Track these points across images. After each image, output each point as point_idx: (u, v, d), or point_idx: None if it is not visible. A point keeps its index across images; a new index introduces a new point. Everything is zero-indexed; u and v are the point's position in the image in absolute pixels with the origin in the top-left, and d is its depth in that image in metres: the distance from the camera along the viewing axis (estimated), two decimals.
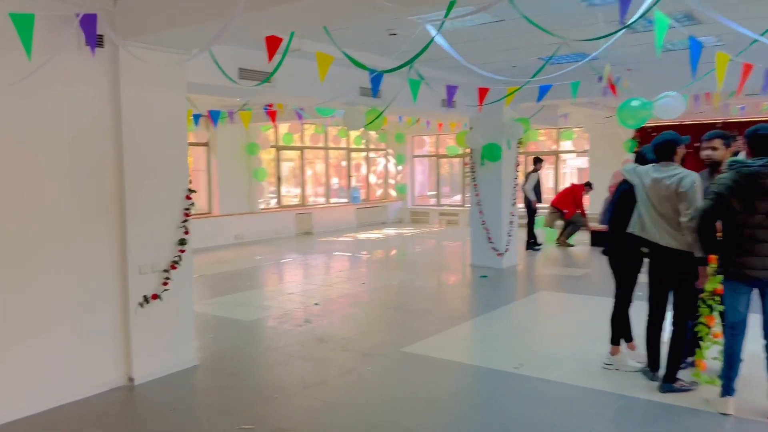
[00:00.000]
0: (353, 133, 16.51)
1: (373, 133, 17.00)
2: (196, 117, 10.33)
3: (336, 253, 11.88)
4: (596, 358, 5.02)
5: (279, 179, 14.54)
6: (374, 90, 6.23)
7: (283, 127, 14.57)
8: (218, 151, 12.89)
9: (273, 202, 14.70)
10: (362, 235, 14.62)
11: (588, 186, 12.15)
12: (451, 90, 6.82)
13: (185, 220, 4.92)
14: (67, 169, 4.23)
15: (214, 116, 9.26)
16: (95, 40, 4.09)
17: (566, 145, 15.68)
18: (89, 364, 4.39)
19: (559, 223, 12.20)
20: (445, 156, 17.38)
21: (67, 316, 4.26)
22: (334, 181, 16.79)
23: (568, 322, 6.52)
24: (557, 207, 12.10)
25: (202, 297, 7.89)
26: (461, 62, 5.34)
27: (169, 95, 4.77)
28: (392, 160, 17.92)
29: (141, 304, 4.61)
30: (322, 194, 16.26)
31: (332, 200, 16.35)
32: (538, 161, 11.80)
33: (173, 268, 4.80)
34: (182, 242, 4.88)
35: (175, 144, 4.84)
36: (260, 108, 10.43)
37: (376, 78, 6.09)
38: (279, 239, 13.79)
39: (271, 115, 10.45)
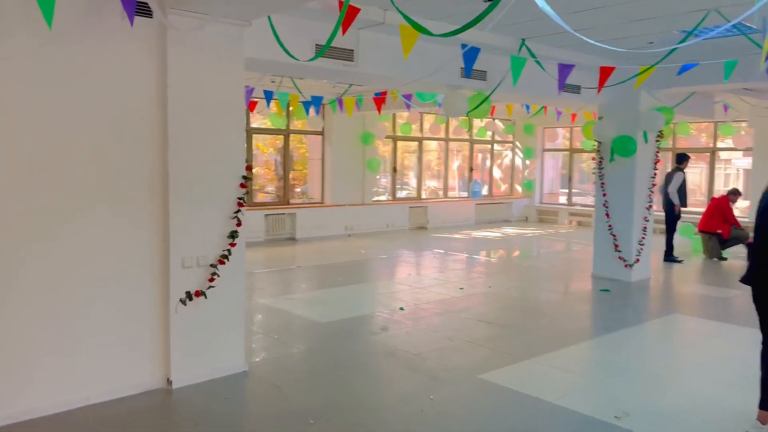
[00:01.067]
0: (477, 124, 15.55)
1: (499, 124, 15.91)
2: (307, 104, 10.07)
3: (446, 251, 11.10)
4: (731, 416, 3.83)
5: (395, 170, 14.02)
6: (467, 69, 5.38)
7: (401, 117, 14.01)
8: (333, 140, 12.62)
9: (388, 194, 14.23)
10: (479, 234, 13.68)
11: (735, 194, 10.23)
12: (564, 70, 5.74)
13: (238, 211, 4.45)
14: (105, 151, 3.90)
15: (315, 102, 8.88)
16: (134, 9, 3.70)
17: (728, 142, 13.49)
18: (124, 363, 4.07)
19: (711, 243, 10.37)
20: (580, 150, 15.82)
21: (101, 311, 3.96)
22: (455, 173, 15.96)
23: (701, 358, 5.22)
24: (709, 231, 10.28)
25: (287, 291, 7.54)
26: (571, 32, 4.32)
27: (224, 72, 4.30)
28: (520, 154, 16.69)
29: (183, 301, 4.21)
30: (440, 187, 15.51)
31: (451, 194, 15.55)
32: (683, 158, 10.10)
33: (221, 263, 4.35)
34: (233, 235, 4.42)
35: (229, 126, 4.37)
36: (371, 95, 9.94)
37: (470, 54, 5.24)
38: (390, 233, 13.28)
39: (377, 102, 9.92)
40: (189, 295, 4.24)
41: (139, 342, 4.13)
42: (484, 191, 16.16)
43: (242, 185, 4.47)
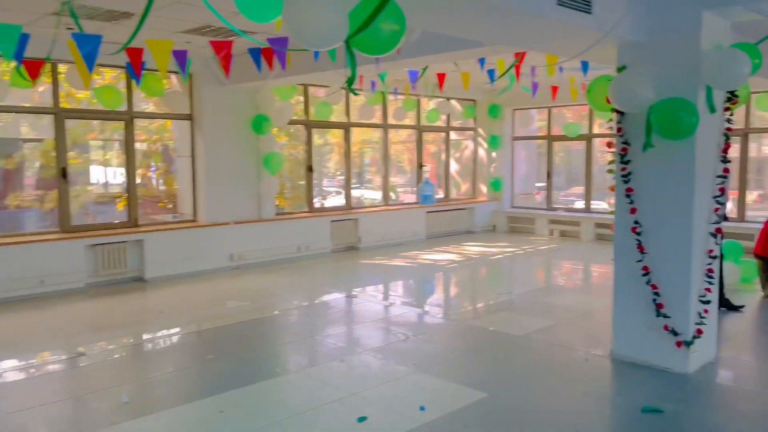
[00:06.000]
0: (427, 104, 11.62)
1: (455, 105, 12.00)
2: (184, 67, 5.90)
3: (371, 291, 7.13)
4: None
5: (310, 170, 9.95)
6: None
7: (316, 94, 9.96)
8: (205, 127, 8.50)
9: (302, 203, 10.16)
10: (430, 256, 9.73)
11: None
12: None
13: None
14: None
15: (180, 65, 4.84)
16: None
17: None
18: None
19: None
20: (561, 138, 12.02)
21: None
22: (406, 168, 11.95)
23: None
24: (766, 256, 6.69)
25: None
26: None
27: None
28: (484, 144, 12.80)
29: None
30: (377, 189, 11.52)
31: (394, 200, 11.58)
32: None
33: None
34: None
35: None
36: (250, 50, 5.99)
37: None
38: (302, 259, 9.23)
39: (266, 55, 6.08)
40: None
41: None
42: (439, 194, 12.23)
43: None
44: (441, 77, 8.36)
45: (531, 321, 5.86)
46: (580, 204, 11.95)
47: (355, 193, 11.25)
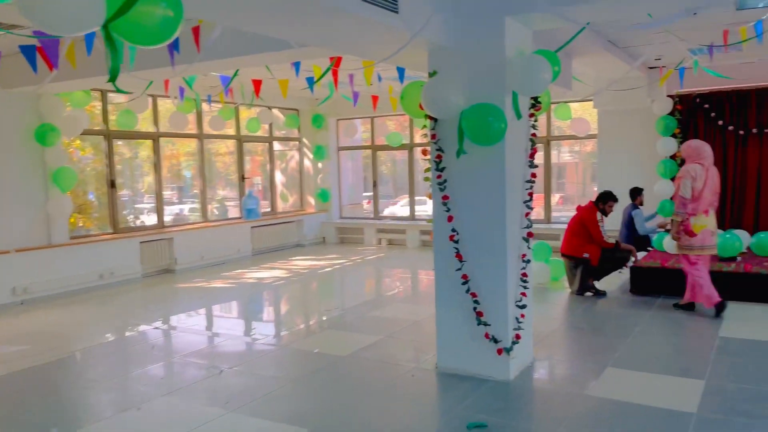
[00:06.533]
0: (246, 114, 11.03)
1: (278, 114, 11.55)
2: None
3: (184, 319, 6.39)
4: None
5: (112, 185, 8.84)
6: None
7: (116, 99, 8.89)
8: None
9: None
10: (255, 274, 9.14)
11: (605, 200, 7.09)
12: None
13: None
14: None
15: None
16: None
17: (558, 129, 10.65)
18: None
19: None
20: (385, 147, 12.10)
21: None
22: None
23: None
24: (571, 255, 7.10)
25: None
26: None
27: None
28: (309, 155, 12.48)
29: None
30: (196, 204, 10.64)
31: (216, 215, 10.77)
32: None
33: None
34: None
35: None
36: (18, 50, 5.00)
37: None
38: (106, 288, 8.12)
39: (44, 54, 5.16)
40: None
41: None
42: (264, 207, 11.64)
43: None
44: (257, 84, 7.86)
45: (358, 338, 5.58)
46: (405, 212, 12.12)
47: (174, 209, 10.32)
